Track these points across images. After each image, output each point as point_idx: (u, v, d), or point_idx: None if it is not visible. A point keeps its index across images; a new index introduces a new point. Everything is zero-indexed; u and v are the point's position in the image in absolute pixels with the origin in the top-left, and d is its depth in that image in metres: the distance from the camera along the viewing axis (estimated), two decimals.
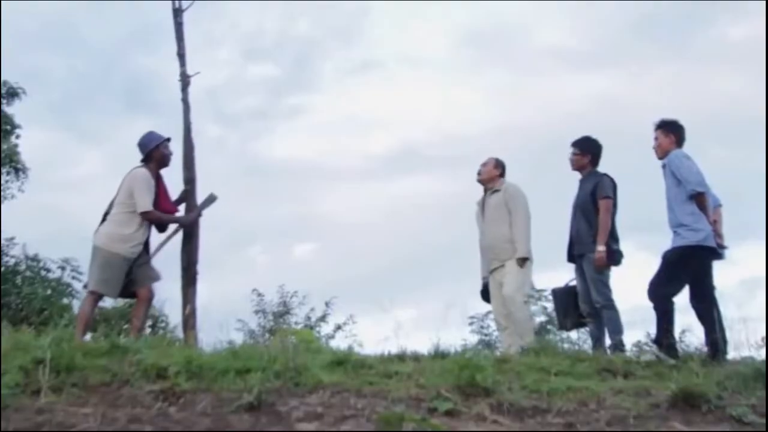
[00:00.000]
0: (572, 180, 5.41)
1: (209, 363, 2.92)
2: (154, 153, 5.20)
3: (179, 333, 5.96)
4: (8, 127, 12.53)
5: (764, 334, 3.80)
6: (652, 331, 4.42)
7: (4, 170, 12.30)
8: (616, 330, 4.89)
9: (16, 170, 12.58)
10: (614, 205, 5.11)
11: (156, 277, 5.16)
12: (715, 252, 4.52)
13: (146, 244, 5.18)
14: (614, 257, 5.01)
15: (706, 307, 4.37)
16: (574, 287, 5.22)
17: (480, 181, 5.62)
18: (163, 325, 10.63)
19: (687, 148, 4.77)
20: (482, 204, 5.61)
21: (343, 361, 3.27)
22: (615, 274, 5.10)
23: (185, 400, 2.54)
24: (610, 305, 4.95)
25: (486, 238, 5.49)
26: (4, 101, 12.56)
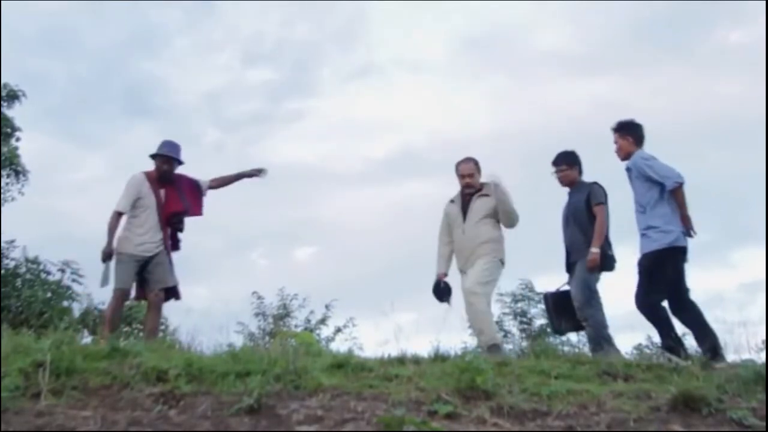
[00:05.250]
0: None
1: (209, 366, 2.92)
2: (155, 160, 5.50)
3: (179, 336, 5.96)
4: (8, 130, 12.52)
5: (764, 337, 3.81)
6: (652, 333, 4.43)
7: (4, 173, 12.29)
8: (601, 324, 4.94)
9: (17, 173, 12.56)
10: (607, 211, 5.14)
11: (165, 282, 5.30)
12: (686, 252, 4.52)
13: (167, 245, 5.37)
14: (607, 262, 5.03)
15: (687, 311, 4.37)
16: (566, 292, 5.23)
17: (471, 191, 5.55)
18: (162, 327, 10.60)
19: (687, 151, 4.84)
20: (463, 205, 5.55)
21: (344, 364, 3.27)
22: (612, 279, 5.12)
23: (185, 403, 2.54)
24: (590, 304, 4.96)
25: (467, 239, 5.42)
26: (4, 104, 12.55)
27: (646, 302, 4.39)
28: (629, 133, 4.84)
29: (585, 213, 5.13)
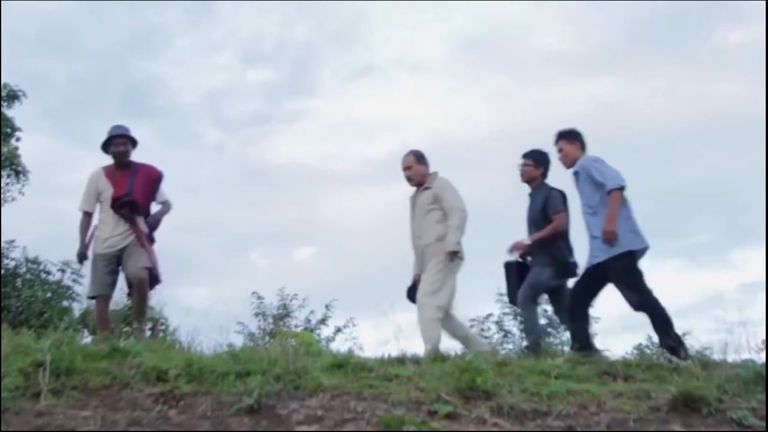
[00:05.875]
0: (569, 182, 5.36)
1: (209, 366, 2.92)
2: (109, 148, 5.28)
3: (179, 336, 5.96)
4: (8, 130, 12.52)
5: (764, 337, 3.81)
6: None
7: (4, 173, 12.29)
8: (531, 330, 5.05)
9: (17, 173, 12.56)
10: (566, 217, 5.15)
11: (140, 263, 5.03)
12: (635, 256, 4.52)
13: (139, 234, 5.10)
14: (569, 269, 5.04)
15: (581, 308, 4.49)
16: (524, 263, 5.25)
17: (414, 184, 5.41)
18: (163, 327, 10.62)
19: (687, 151, 4.85)
20: (413, 201, 5.41)
21: (343, 364, 3.27)
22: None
23: (185, 403, 2.54)
24: (527, 306, 5.04)
25: (415, 237, 5.29)
26: (4, 104, 12.55)
27: (644, 301, 4.36)
28: (577, 138, 4.88)
29: (542, 219, 5.14)
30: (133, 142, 5.33)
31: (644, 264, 4.48)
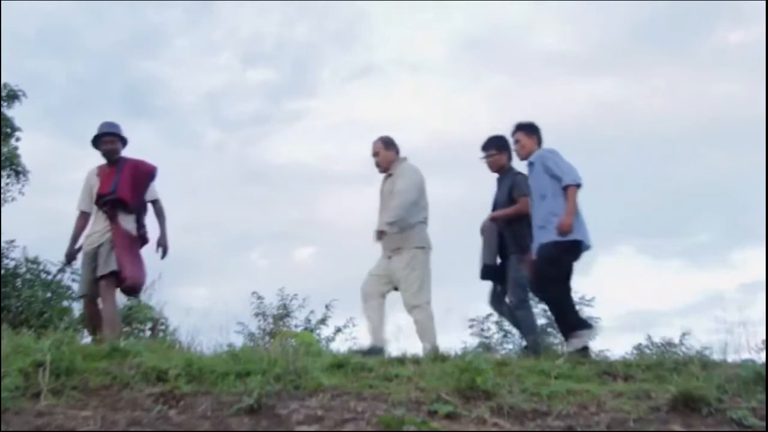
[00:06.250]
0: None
1: (209, 366, 2.92)
2: (99, 146, 5.18)
3: (179, 336, 5.96)
4: (8, 130, 12.52)
5: (764, 337, 3.81)
6: (652, 333, 4.45)
7: (4, 173, 12.29)
8: (530, 330, 4.99)
9: (17, 173, 12.56)
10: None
11: (101, 270, 4.86)
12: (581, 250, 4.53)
13: (119, 232, 4.95)
14: None
15: (557, 298, 4.43)
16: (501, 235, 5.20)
17: (383, 171, 5.32)
18: (163, 327, 10.62)
19: (687, 151, 4.85)
20: (380, 189, 5.32)
21: (343, 363, 3.28)
22: (612, 278, 5.11)
23: (185, 403, 2.54)
24: (522, 305, 4.98)
25: (379, 225, 5.14)
26: (4, 104, 12.55)
27: (552, 291, 4.40)
28: (535, 133, 4.89)
29: (508, 204, 5.08)
30: (123, 140, 5.21)
31: (645, 262, 4.51)
